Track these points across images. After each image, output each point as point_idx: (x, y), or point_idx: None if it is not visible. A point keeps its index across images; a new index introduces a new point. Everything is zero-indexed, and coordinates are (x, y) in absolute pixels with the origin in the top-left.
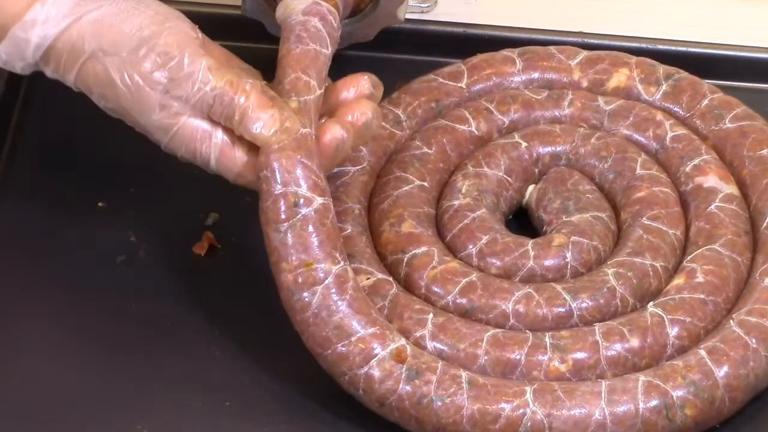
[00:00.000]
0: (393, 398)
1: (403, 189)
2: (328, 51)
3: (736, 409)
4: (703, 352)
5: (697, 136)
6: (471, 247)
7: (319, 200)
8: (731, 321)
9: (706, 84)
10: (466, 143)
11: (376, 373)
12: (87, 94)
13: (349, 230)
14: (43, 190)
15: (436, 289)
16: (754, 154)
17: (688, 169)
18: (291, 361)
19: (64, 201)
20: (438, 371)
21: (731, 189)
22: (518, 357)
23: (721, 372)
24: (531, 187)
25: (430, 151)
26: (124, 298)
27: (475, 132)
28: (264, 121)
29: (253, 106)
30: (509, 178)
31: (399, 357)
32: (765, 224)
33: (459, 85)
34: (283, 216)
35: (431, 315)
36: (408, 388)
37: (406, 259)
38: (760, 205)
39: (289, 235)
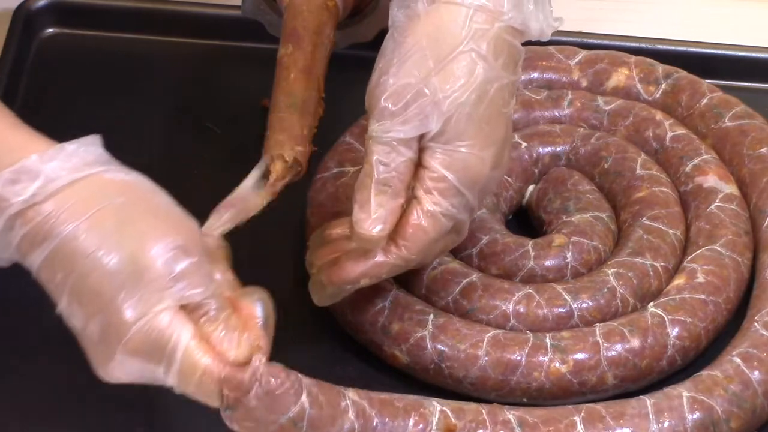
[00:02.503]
0: None
1: None
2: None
3: None
4: (738, 360)
5: (696, 135)
6: (471, 247)
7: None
8: (756, 324)
9: (705, 83)
10: None
11: None
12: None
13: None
14: None
15: (436, 290)
16: (754, 153)
17: (688, 169)
18: (291, 360)
19: None
20: (488, 423)
21: (731, 189)
22: (519, 358)
23: (758, 378)
24: (531, 188)
25: None
26: None
27: None
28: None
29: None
30: (509, 179)
31: (448, 428)
32: (766, 223)
33: None
34: None
35: (431, 316)
36: None
37: None
38: (760, 204)
39: None
